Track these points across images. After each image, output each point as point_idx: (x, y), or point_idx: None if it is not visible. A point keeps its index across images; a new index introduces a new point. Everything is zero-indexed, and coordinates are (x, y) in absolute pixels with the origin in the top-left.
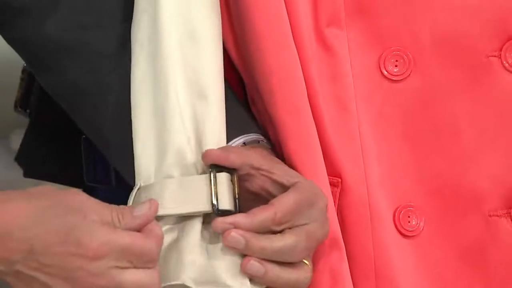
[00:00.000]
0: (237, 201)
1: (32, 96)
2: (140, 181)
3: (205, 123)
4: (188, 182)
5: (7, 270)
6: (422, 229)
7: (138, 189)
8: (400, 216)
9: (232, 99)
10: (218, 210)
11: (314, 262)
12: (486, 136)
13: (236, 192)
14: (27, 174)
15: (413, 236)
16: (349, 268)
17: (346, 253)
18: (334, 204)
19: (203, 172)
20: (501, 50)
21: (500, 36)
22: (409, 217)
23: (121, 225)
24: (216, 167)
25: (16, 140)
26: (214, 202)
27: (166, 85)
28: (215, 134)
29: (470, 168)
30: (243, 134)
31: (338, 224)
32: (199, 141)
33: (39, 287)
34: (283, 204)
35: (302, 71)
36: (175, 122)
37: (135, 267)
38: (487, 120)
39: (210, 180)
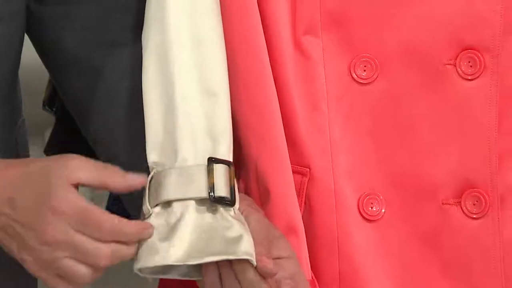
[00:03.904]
0: (233, 190)
1: (58, 96)
2: (153, 170)
3: (216, 118)
4: (187, 172)
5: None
6: (383, 215)
7: (151, 177)
8: (364, 202)
9: None
10: (214, 197)
11: None
12: (441, 134)
13: (233, 182)
14: None
15: (374, 220)
16: (315, 246)
17: (313, 234)
18: (302, 191)
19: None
20: (456, 59)
21: (456, 47)
22: (371, 203)
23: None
24: (214, 160)
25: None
26: (210, 190)
27: (173, 88)
28: (226, 126)
29: (427, 162)
30: None
31: (298, 211)
32: (211, 134)
33: (19, 240)
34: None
35: (279, 73)
36: (180, 119)
37: (87, 235)
38: (443, 120)
39: (208, 170)
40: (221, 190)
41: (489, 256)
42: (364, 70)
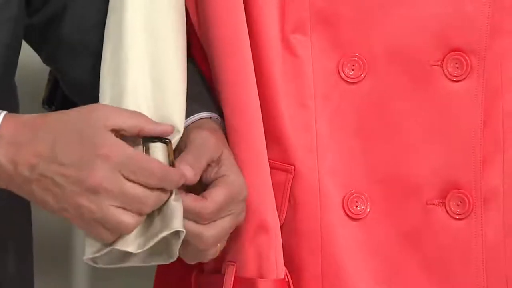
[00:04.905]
0: (172, 165)
1: (57, 94)
2: None
3: (168, 109)
4: None
5: (31, 175)
6: (368, 213)
7: None
8: (348, 201)
9: (198, 83)
10: None
11: (242, 246)
12: (427, 135)
13: (172, 158)
14: None
15: (359, 219)
16: (298, 244)
17: (297, 232)
18: (287, 189)
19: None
20: (443, 60)
21: (443, 49)
22: (356, 202)
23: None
24: (151, 139)
25: None
26: None
27: (125, 78)
28: (178, 118)
29: (412, 162)
30: (200, 112)
31: (274, 210)
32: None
33: (54, 189)
34: (213, 201)
35: (266, 71)
36: (129, 105)
37: (136, 182)
38: (429, 120)
39: (143, 150)
40: None
41: (471, 256)
42: (352, 69)
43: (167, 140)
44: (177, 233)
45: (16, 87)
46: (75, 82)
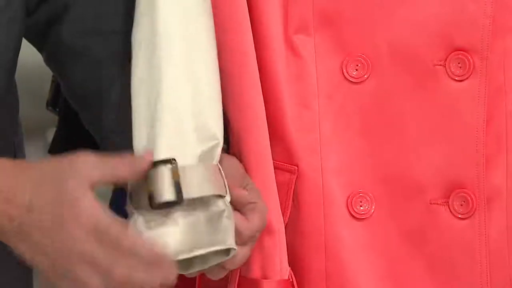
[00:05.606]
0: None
1: (61, 96)
2: None
3: (205, 115)
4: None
5: (11, 228)
6: (372, 213)
7: None
8: (353, 201)
9: None
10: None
11: None
12: (430, 134)
13: (176, 180)
14: None
15: (363, 219)
16: (302, 244)
17: (300, 232)
18: (290, 189)
19: (199, 160)
20: (446, 60)
21: (446, 48)
22: (361, 201)
23: None
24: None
25: (51, 136)
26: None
27: (160, 84)
28: (215, 124)
29: (416, 161)
30: None
31: (278, 211)
32: (200, 130)
33: (33, 244)
34: (253, 225)
35: (269, 72)
36: (165, 116)
37: (105, 247)
38: (432, 120)
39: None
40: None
41: (474, 256)
42: (356, 69)
43: (171, 160)
44: (225, 250)
45: (16, 86)
46: (72, 85)
